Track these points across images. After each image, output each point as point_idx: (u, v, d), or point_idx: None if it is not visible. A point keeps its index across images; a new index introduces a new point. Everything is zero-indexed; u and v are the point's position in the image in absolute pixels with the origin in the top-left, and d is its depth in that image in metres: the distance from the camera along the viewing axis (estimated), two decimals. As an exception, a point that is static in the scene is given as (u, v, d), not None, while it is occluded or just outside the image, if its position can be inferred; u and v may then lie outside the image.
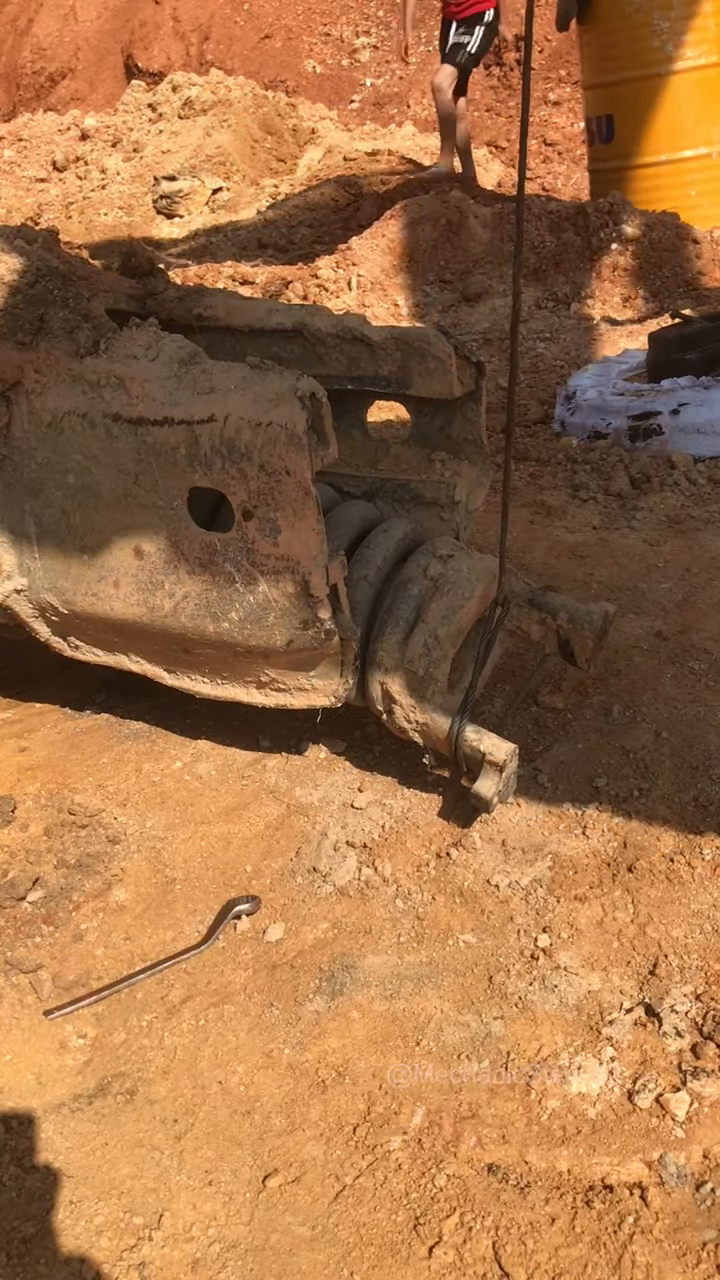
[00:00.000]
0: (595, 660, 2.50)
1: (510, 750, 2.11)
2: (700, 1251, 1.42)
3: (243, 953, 1.97)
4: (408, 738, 2.25)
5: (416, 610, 2.21)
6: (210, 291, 2.63)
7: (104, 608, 2.24)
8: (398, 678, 2.18)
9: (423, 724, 2.19)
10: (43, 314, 2.22)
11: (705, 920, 1.92)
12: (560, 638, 2.43)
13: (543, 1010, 1.79)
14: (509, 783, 2.14)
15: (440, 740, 2.17)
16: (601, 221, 6.08)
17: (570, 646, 2.44)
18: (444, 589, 2.22)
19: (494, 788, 2.09)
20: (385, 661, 2.20)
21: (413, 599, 2.23)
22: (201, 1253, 1.49)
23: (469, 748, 2.13)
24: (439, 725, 2.16)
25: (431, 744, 2.22)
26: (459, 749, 2.14)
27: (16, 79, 14.45)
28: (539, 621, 2.43)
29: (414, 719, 2.19)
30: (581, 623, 2.42)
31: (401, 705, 2.19)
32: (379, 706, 2.24)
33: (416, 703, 2.17)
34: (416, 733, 2.22)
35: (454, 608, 2.20)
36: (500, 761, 2.09)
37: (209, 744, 2.51)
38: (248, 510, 2.02)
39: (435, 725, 2.17)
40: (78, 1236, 1.52)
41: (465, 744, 2.13)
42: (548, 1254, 1.44)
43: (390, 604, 2.24)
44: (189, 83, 10.34)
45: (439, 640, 2.17)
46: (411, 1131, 1.62)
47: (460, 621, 2.20)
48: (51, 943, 2.00)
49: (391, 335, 2.42)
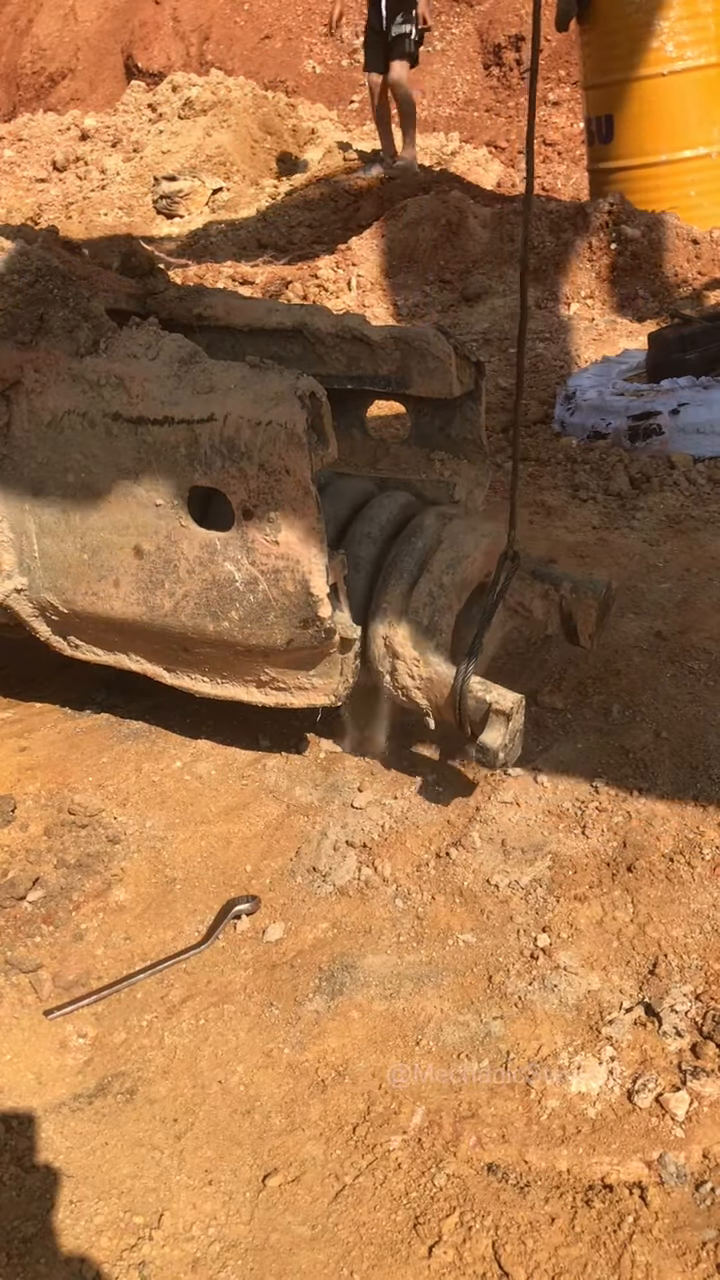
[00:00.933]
0: (597, 638, 2.42)
1: (517, 700, 2.05)
2: (700, 1251, 1.42)
3: (243, 952, 1.97)
4: (411, 701, 2.18)
5: (421, 562, 2.17)
6: (210, 291, 2.63)
7: (104, 607, 2.24)
8: (401, 629, 2.12)
9: (426, 679, 2.12)
10: (43, 313, 2.22)
11: (705, 920, 1.92)
12: (563, 611, 2.37)
13: (542, 1010, 1.79)
14: (515, 739, 2.07)
15: (444, 695, 2.09)
16: (601, 221, 6.08)
17: (573, 622, 2.37)
18: (448, 542, 2.19)
19: (500, 738, 2.02)
20: (389, 613, 2.14)
21: (417, 551, 2.19)
22: (201, 1252, 1.49)
23: (474, 699, 2.05)
24: (443, 678, 2.09)
25: (435, 703, 2.14)
26: (463, 702, 2.06)
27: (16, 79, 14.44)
28: (541, 595, 2.37)
29: (417, 673, 2.13)
30: (584, 592, 2.35)
31: (404, 659, 2.13)
32: (381, 667, 2.17)
33: (420, 655, 2.11)
34: (419, 690, 2.14)
35: (459, 558, 2.16)
36: (507, 709, 2.03)
37: (209, 744, 2.51)
38: (248, 509, 2.02)
39: (439, 679, 2.10)
40: (78, 1236, 1.52)
41: (470, 695, 2.06)
42: (547, 1253, 1.44)
43: (394, 557, 2.20)
44: (189, 83, 10.34)
45: (444, 589, 2.12)
46: (411, 1131, 1.62)
47: (465, 572, 2.14)
48: (51, 942, 2.00)
49: (391, 335, 2.43)
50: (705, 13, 6.28)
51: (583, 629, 2.38)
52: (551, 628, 2.43)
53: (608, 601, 2.41)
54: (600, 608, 2.38)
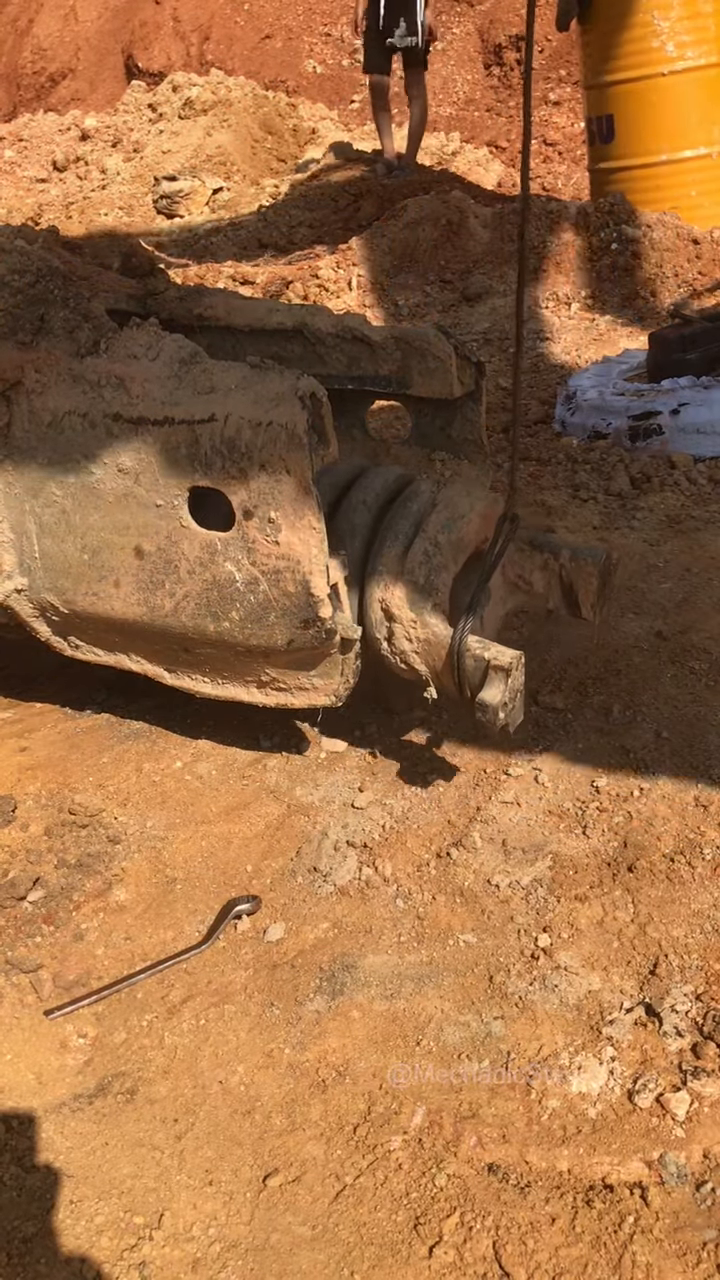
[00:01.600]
0: (600, 611, 2.36)
1: (516, 655, 2.02)
2: (700, 1251, 1.42)
3: (243, 952, 1.97)
4: (409, 668, 2.14)
5: (416, 524, 2.15)
6: (210, 291, 2.63)
7: (104, 607, 2.24)
8: (397, 589, 2.09)
9: (423, 640, 2.08)
10: (43, 314, 2.22)
11: (705, 920, 1.92)
12: (563, 582, 2.32)
13: (543, 1010, 1.79)
14: (517, 698, 2.04)
15: (442, 657, 2.06)
16: (601, 221, 6.08)
17: (574, 593, 2.32)
18: (444, 504, 2.17)
19: (500, 695, 1.99)
20: (384, 575, 2.11)
21: (412, 514, 2.17)
22: (202, 1252, 1.49)
23: (472, 657, 2.02)
24: (440, 639, 2.05)
25: (433, 667, 2.11)
26: (461, 661, 2.03)
27: (17, 79, 14.45)
28: (541, 566, 2.33)
29: (414, 635, 2.09)
30: (584, 559, 2.31)
31: (401, 622, 2.09)
32: (378, 633, 2.14)
33: (417, 616, 2.08)
34: (418, 654, 2.11)
35: (455, 517, 2.14)
36: (506, 665, 1.99)
37: (209, 744, 2.51)
38: (248, 510, 2.02)
39: (436, 640, 2.06)
40: (78, 1236, 1.52)
41: (468, 654, 2.02)
42: (548, 1253, 1.44)
43: (389, 520, 2.18)
44: (189, 83, 10.35)
45: (439, 547, 2.10)
46: (412, 1131, 1.62)
47: (461, 531, 2.12)
48: (52, 942, 2.00)
49: (391, 335, 2.43)
50: (705, 13, 6.28)
51: (584, 599, 2.32)
52: (553, 601, 2.37)
53: (608, 570, 2.35)
54: (601, 576, 2.32)
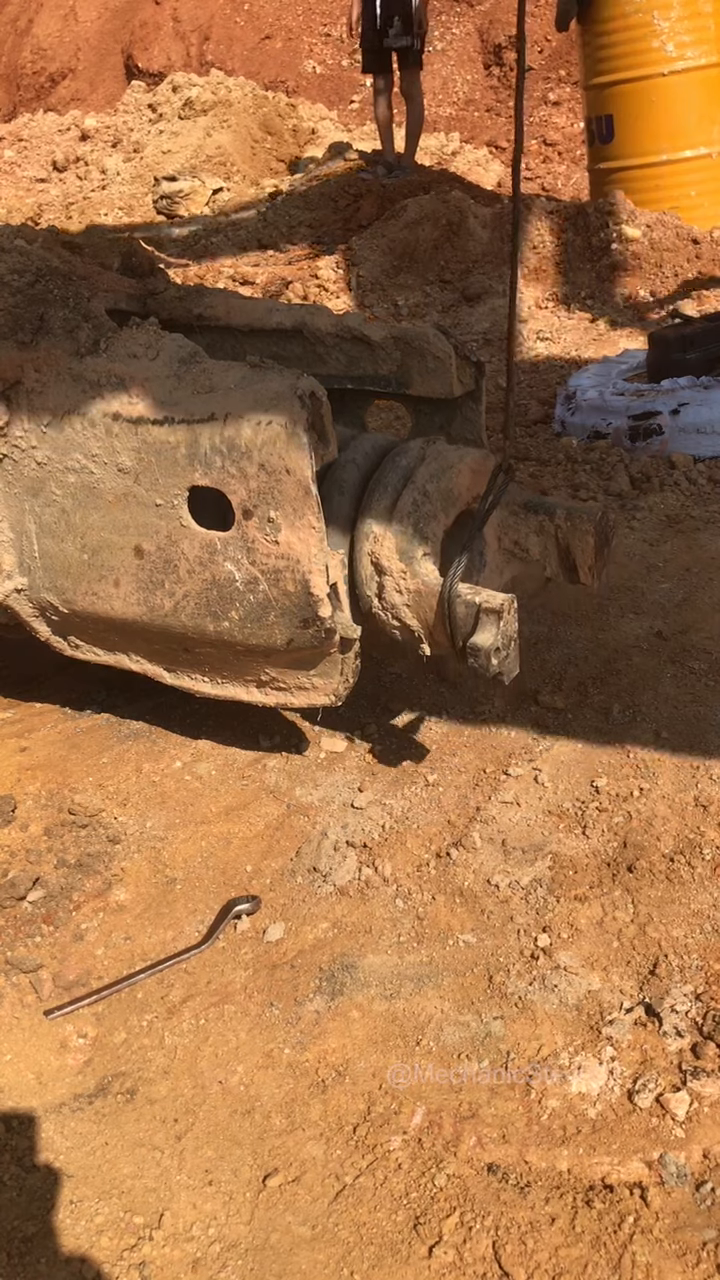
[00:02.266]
0: (599, 574, 2.30)
1: (508, 598, 1.99)
2: (700, 1251, 1.42)
3: (243, 952, 1.97)
4: (401, 624, 2.11)
5: (405, 477, 2.13)
6: (210, 291, 2.63)
7: (104, 607, 2.24)
8: (387, 541, 2.07)
9: (414, 591, 2.05)
10: (43, 314, 2.22)
11: (705, 920, 1.92)
12: (560, 545, 2.27)
13: (543, 1010, 1.79)
14: (510, 645, 2.01)
15: (433, 607, 2.02)
16: (601, 221, 6.08)
17: (571, 556, 2.27)
18: (433, 458, 2.16)
19: (491, 638, 1.97)
20: (374, 527, 2.08)
21: (401, 468, 2.16)
22: (202, 1252, 1.49)
23: (463, 603, 1.99)
24: (430, 586, 2.02)
25: (424, 620, 2.08)
26: (453, 609, 2.00)
27: (17, 79, 14.44)
28: (537, 530, 2.28)
29: (404, 586, 2.06)
30: (580, 518, 2.26)
31: (391, 574, 2.06)
32: (368, 590, 2.12)
33: (406, 566, 2.05)
34: (409, 608, 2.08)
35: (444, 468, 2.12)
36: (498, 607, 1.97)
37: (209, 744, 2.51)
38: (248, 509, 2.02)
39: (427, 589, 2.03)
40: (78, 1236, 1.51)
41: (459, 600, 1.99)
42: (548, 1254, 1.44)
43: (378, 475, 2.16)
44: (189, 83, 10.34)
45: (428, 496, 2.08)
46: (411, 1131, 1.62)
47: (451, 482, 2.10)
48: (52, 942, 2.00)
49: (391, 335, 2.43)
50: (705, 13, 6.28)
51: (581, 562, 2.26)
52: (550, 568, 2.32)
53: (605, 531, 2.30)
54: (597, 535, 2.26)
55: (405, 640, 2.18)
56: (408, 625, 2.13)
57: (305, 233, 7.61)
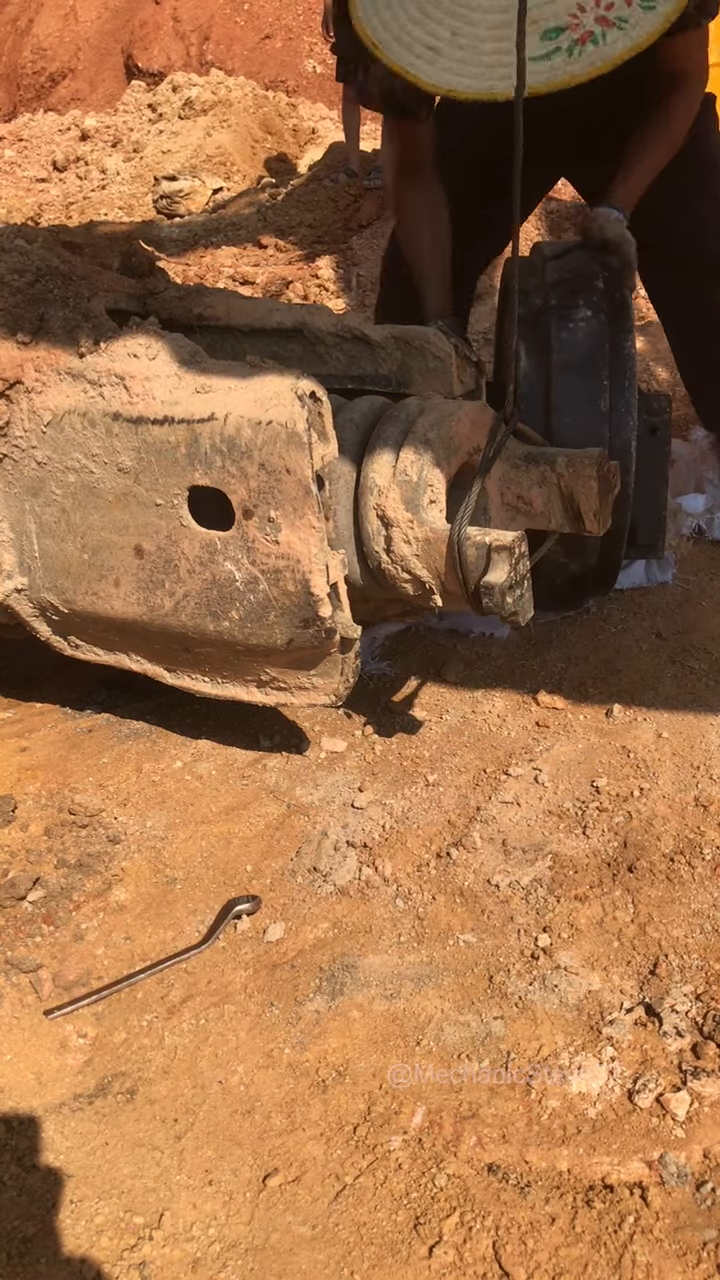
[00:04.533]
0: (603, 519, 2.25)
1: (517, 535, 1.99)
2: (700, 1251, 1.42)
3: (243, 952, 1.97)
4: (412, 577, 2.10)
5: (405, 429, 2.13)
6: (210, 291, 2.63)
7: (104, 606, 2.24)
8: (391, 493, 2.06)
9: (422, 540, 2.04)
10: (43, 313, 2.22)
11: (705, 920, 1.92)
12: (563, 494, 2.23)
13: (543, 1010, 1.79)
14: (524, 584, 2.00)
15: (443, 554, 2.02)
16: (601, 221, 6.07)
17: (576, 504, 2.23)
18: (431, 409, 2.16)
19: (504, 575, 1.95)
20: (377, 480, 2.07)
21: (399, 421, 2.16)
22: (202, 1252, 1.49)
23: (474, 545, 1.98)
24: (439, 533, 2.01)
25: (435, 569, 2.07)
26: (463, 552, 1.98)
27: (17, 79, 14.44)
28: (539, 481, 2.24)
29: (413, 536, 2.05)
30: (580, 462, 2.22)
31: (399, 525, 2.05)
32: (375, 545, 2.11)
33: (413, 515, 2.04)
34: (418, 557, 2.06)
35: (443, 417, 2.12)
36: (509, 544, 1.96)
37: (209, 744, 2.51)
38: (248, 509, 2.02)
39: (435, 535, 2.02)
40: (78, 1236, 1.52)
41: (469, 542, 1.98)
42: (548, 1253, 1.44)
43: (378, 430, 2.16)
44: (189, 83, 10.33)
45: (429, 443, 2.07)
46: (411, 1131, 1.62)
47: (451, 429, 2.09)
48: (51, 942, 2.00)
49: (391, 334, 2.42)
50: (705, 12, 6.28)
51: (586, 507, 2.22)
52: (554, 520, 2.27)
53: (607, 476, 2.24)
54: (600, 481, 2.21)
55: (416, 594, 2.16)
56: (418, 576, 2.11)
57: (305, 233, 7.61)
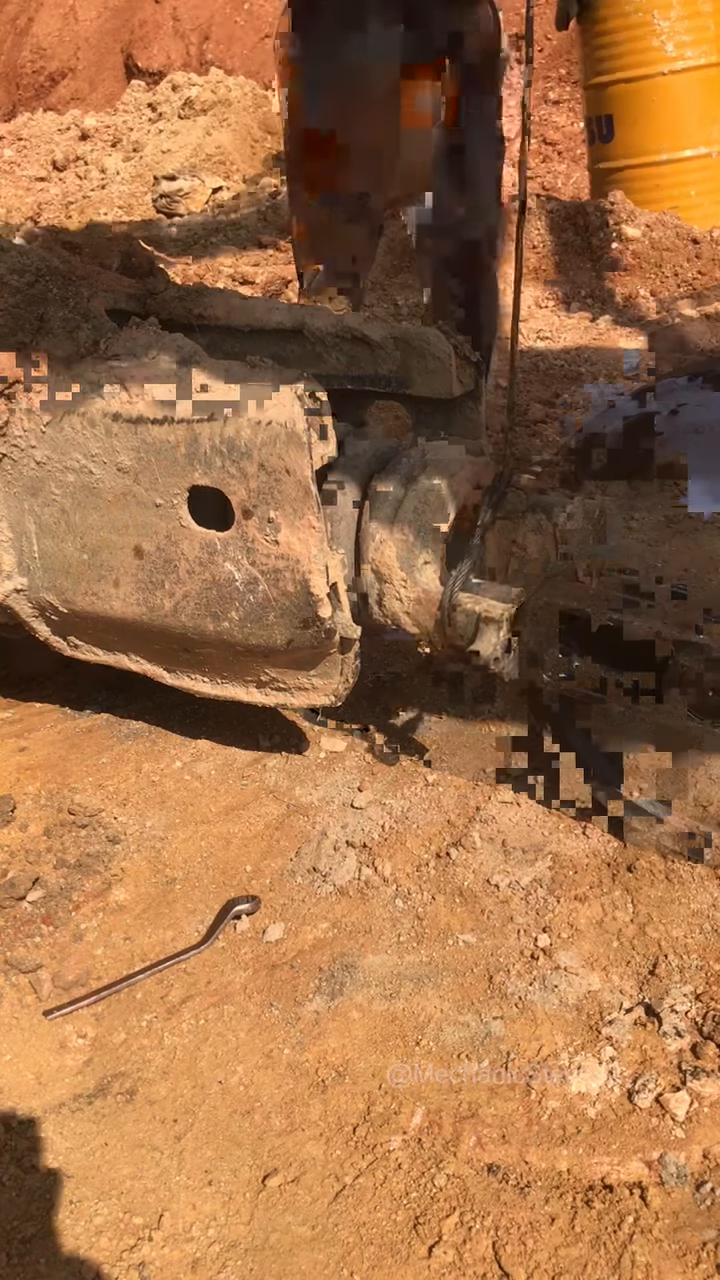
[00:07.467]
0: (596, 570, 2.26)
1: (506, 608, 2.00)
2: (700, 1251, 1.42)
3: (243, 953, 1.97)
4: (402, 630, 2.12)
5: (406, 483, 2.14)
6: (210, 291, 2.63)
7: (104, 607, 2.24)
8: (388, 548, 2.07)
9: (414, 600, 2.05)
10: (43, 314, 2.22)
11: (705, 920, 1.92)
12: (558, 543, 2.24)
13: (543, 1010, 1.79)
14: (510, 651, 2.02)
15: (433, 614, 2.03)
16: (601, 221, 6.07)
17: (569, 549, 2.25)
18: (434, 463, 2.17)
19: (492, 647, 1.98)
20: (376, 533, 2.09)
21: (401, 469, 2.17)
22: (201, 1253, 1.49)
23: (463, 613, 1.99)
24: (431, 595, 2.02)
25: (424, 628, 2.08)
26: (453, 617, 2.00)
27: (16, 79, 14.43)
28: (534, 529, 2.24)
29: (405, 595, 2.06)
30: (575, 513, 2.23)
31: (392, 582, 2.07)
32: (371, 593, 2.12)
33: (407, 574, 2.05)
34: (408, 615, 2.08)
35: (446, 474, 2.13)
36: (497, 617, 1.98)
37: (209, 744, 2.51)
38: (248, 509, 2.02)
39: (428, 597, 2.03)
40: (78, 1236, 1.51)
41: (459, 609, 1.99)
42: (547, 1254, 1.44)
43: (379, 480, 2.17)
44: (189, 82, 10.33)
45: (428, 503, 2.08)
46: (411, 1131, 1.62)
47: (453, 487, 2.09)
48: (51, 943, 2.00)
49: (391, 335, 2.42)
50: (705, 13, 6.27)
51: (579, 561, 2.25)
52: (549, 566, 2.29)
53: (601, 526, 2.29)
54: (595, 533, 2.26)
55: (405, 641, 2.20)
56: (408, 631, 2.15)
57: (305, 232, 7.59)
